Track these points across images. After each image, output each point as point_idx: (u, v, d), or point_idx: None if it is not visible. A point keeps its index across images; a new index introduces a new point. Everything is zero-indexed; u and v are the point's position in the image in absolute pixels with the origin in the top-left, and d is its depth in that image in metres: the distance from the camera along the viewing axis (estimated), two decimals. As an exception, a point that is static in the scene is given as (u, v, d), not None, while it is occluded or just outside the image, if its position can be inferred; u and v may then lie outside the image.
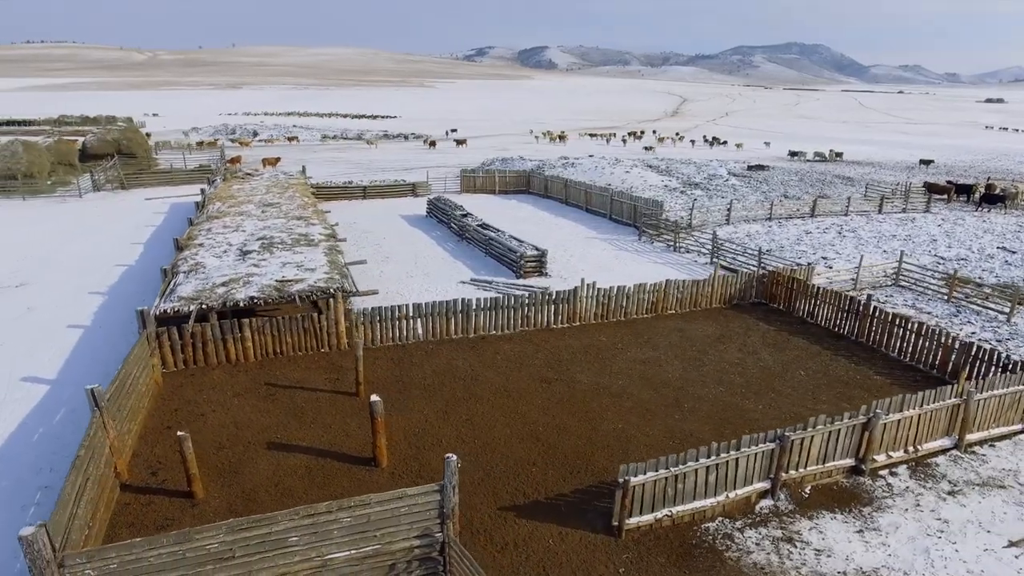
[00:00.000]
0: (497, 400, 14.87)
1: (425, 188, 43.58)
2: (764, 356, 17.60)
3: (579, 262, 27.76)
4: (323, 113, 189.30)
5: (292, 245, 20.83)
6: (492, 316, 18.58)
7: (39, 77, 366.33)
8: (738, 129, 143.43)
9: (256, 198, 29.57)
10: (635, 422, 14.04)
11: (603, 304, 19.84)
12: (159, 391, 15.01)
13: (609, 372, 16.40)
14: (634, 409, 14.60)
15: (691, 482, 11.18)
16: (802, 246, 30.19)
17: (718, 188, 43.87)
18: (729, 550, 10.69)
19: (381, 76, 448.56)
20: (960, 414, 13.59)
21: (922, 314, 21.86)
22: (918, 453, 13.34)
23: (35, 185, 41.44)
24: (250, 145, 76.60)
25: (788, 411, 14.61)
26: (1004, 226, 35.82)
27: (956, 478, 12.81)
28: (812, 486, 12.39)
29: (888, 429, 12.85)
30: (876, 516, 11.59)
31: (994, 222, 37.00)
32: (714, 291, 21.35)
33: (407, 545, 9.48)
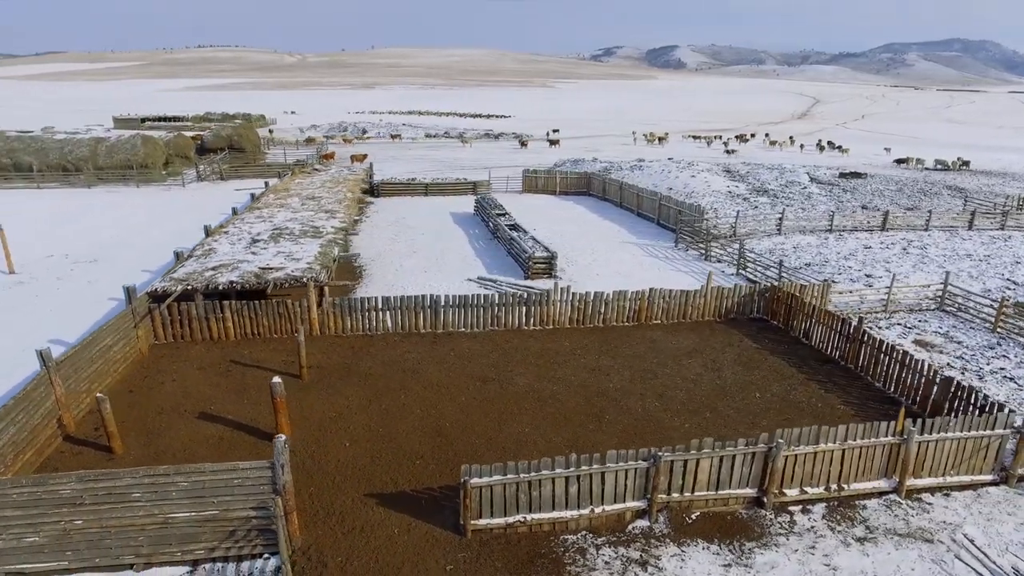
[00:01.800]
0: (424, 394, 15.32)
1: (486, 187, 44.50)
2: (726, 374, 16.65)
3: (600, 267, 27.38)
4: (441, 112, 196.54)
5: (298, 236, 22.42)
6: (461, 314, 18.99)
7: (205, 78, 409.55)
8: (869, 133, 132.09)
9: (305, 192, 31.84)
10: (544, 428, 13.94)
11: (578, 309, 19.60)
12: (142, 359, 16.91)
13: (551, 377, 16.29)
14: (552, 415, 14.47)
15: (548, 491, 11.05)
16: (850, 262, 27.76)
17: (790, 196, 41.06)
18: (574, 564, 10.49)
19: (505, 76, 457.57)
20: (900, 455, 12.24)
21: (951, 343, 19.56)
22: (842, 492, 12.19)
23: (149, 174, 46.98)
24: (352, 142, 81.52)
25: (715, 432, 13.82)
26: None
27: (877, 524, 11.60)
28: (702, 512, 11.75)
29: (800, 462, 11.88)
30: (756, 553, 10.83)
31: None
32: (707, 303, 20.36)
33: (244, 514, 10.23)
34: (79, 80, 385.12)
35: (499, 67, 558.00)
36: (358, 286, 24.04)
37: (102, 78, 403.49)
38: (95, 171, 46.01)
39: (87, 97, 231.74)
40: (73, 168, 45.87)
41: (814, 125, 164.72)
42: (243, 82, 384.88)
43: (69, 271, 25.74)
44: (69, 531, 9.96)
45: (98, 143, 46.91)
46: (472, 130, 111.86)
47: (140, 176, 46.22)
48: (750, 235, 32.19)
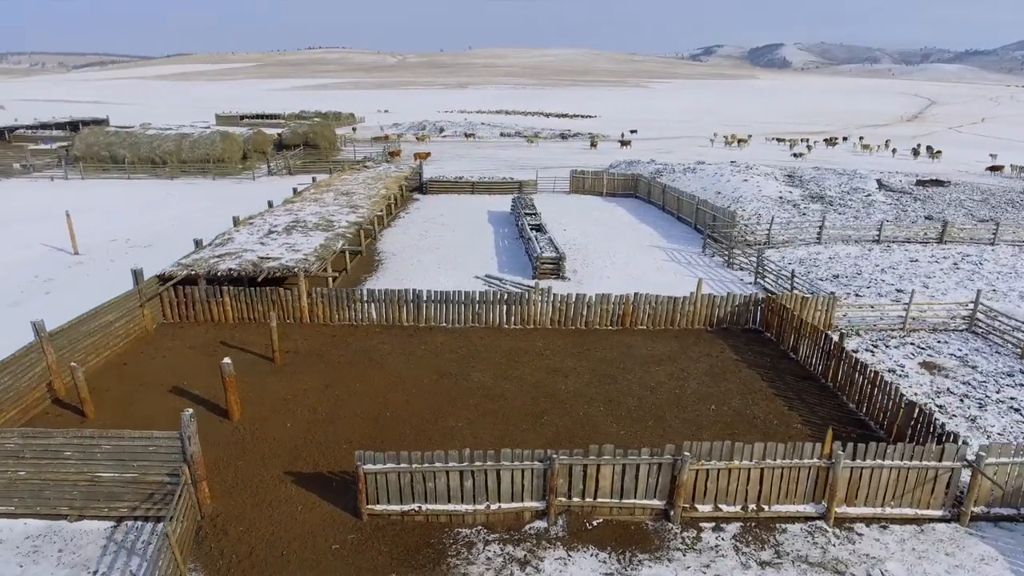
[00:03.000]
0: (380, 384, 15.93)
1: (533, 187, 44.77)
2: (690, 384, 16.17)
3: (615, 270, 27.08)
4: (528, 112, 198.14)
5: (310, 229, 23.69)
6: (442, 309, 19.49)
7: (312, 78, 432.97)
8: (983, 138, 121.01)
9: (344, 188, 33.42)
10: (479, 425, 14.17)
11: (560, 311, 19.58)
12: (146, 336, 18.58)
13: (508, 375, 16.46)
14: (492, 413, 14.67)
15: (443, 484, 11.32)
16: (887, 275, 25.89)
17: (848, 204, 38.57)
18: (457, 556, 10.73)
19: (599, 76, 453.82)
20: (829, 480, 11.56)
21: (964, 367, 17.98)
22: (762, 513, 11.66)
23: (226, 168, 50.70)
24: (426, 140, 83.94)
25: (650, 442, 13.54)
26: None
27: (790, 550, 11.04)
28: (605, 520, 11.62)
29: (713, 478, 11.49)
30: (644, 565, 10.63)
31: None
32: (696, 311, 19.75)
33: (159, 479, 11.21)
34: (201, 80, 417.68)
35: (594, 67, 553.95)
36: (369, 278, 25.09)
37: (221, 78, 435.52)
38: (179, 164, 50.19)
39: (206, 96, 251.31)
40: (160, 161, 50.27)
41: (922, 128, 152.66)
42: (346, 82, 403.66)
43: (124, 254, 28.42)
44: (15, 480, 11.31)
45: (182, 139, 51.12)
46: (549, 130, 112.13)
47: (217, 170, 49.95)
48: (787, 243, 30.66)
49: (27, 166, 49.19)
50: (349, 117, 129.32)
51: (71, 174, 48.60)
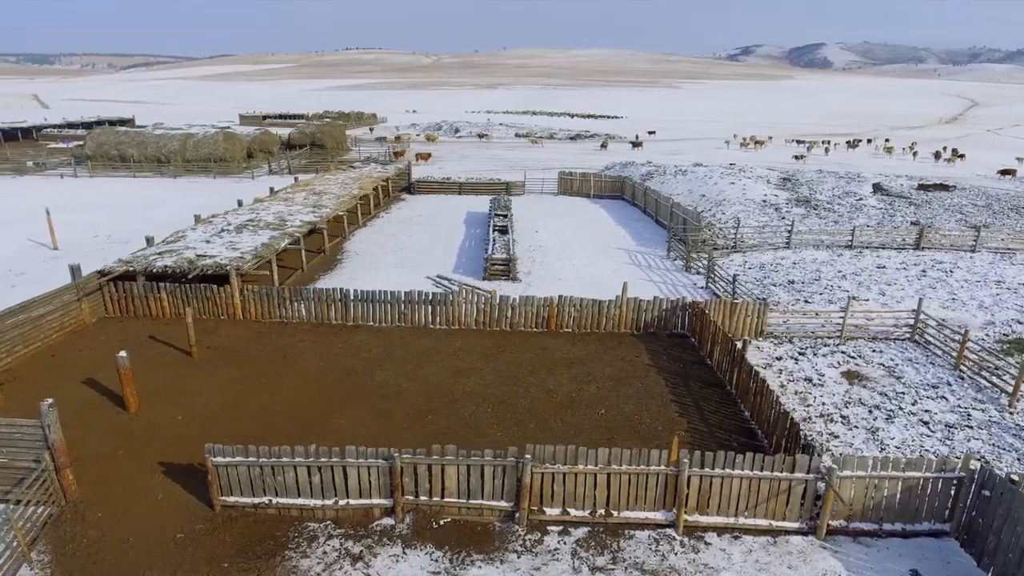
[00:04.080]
0: (284, 381, 16.29)
1: (520, 188, 44.85)
2: (589, 388, 16.12)
3: (570, 271, 27.04)
4: (554, 112, 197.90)
5: (261, 228, 24.27)
6: (368, 308, 19.79)
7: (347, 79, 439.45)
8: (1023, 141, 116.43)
9: (320, 188, 34.04)
10: (363, 423, 14.40)
11: (484, 312, 19.69)
12: (83, 329, 19.33)
13: (412, 375, 16.66)
14: (381, 411, 14.90)
15: (292, 478, 11.59)
16: (847, 281, 25.23)
17: (836, 208, 37.63)
18: (296, 549, 11.00)
19: (632, 77, 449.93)
20: (676, 487, 11.46)
21: (889, 377, 17.49)
22: (610, 519, 11.63)
23: (228, 167, 52.04)
24: (436, 140, 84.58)
25: (455, 443, 13.33)
26: None
27: (628, 557, 11.00)
28: (453, 519, 11.74)
29: (560, 481, 11.51)
30: (473, 566, 10.73)
31: None
32: (622, 315, 19.64)
33: (27, 465, 11.73)
34: (240, 80, 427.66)
35: (628, 67, 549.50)
36: (323, 277, 25.55)
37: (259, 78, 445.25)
38: (183, 163, 51.72)
39: (241, 96, 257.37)
40: (165, 160, 51.88)
41: (959, 130, 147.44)
42: (380, 82, 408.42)
43: (100, 251, 29.44)
44: None
45: (187, 138, 52.67)
46: (565, 130, 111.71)
47: (219, 169, 51.31)
48: (756, 247, 30.13)
49: (40, 164, 51.32)
50: (371, 117, 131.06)
51: (81, 172, 50.53)
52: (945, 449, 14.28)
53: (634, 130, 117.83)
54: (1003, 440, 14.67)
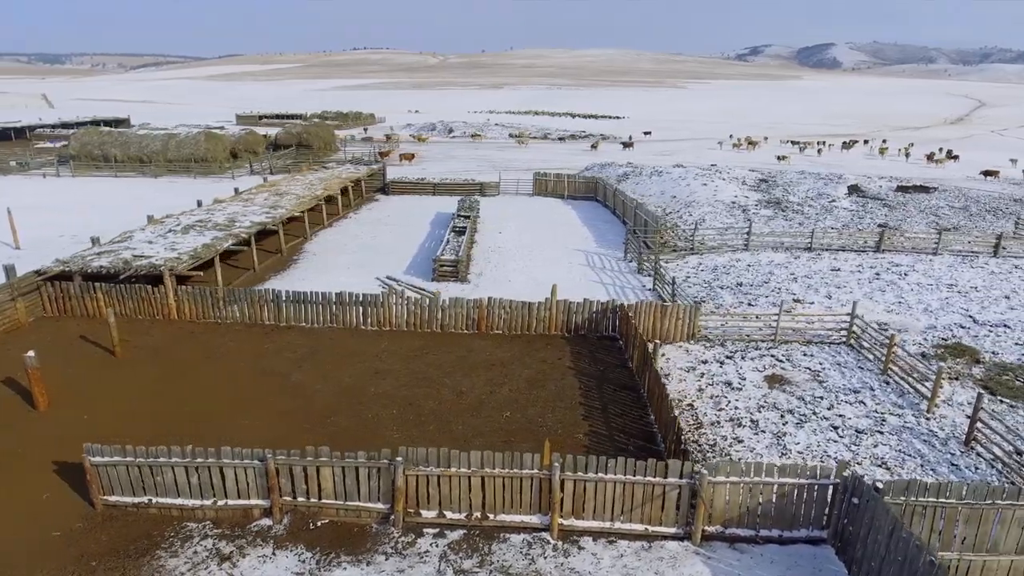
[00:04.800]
0: (201, 382, 16.38)
1: (495, 188, 44.87)
2: (502, 391, 16.12)
3: (522, 273, 27.02)
4: (556, 112, 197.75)
5: (207, 229, 24.41)
6: (300, 309, 19.87)
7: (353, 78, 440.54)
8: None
9: (284, 188, 34.19)
10: (269, 424, 14.46)
11: (414, 313, 19.73)
12: (16, 328, 19.51)
13: (328, 376, 16.72)
14: (289, 413, 14.97)
15: (171, 478, 11.67)
16: (797, 284, 25.07)
17: (806, 210, 37.41)
18: (168, 549, 11.07)
19: (638, 77, 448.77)
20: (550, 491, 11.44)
21: (813, 381, 17.38)
22: (486, 522, 11.63)
23: (209, 167, 52.35)
24: (426, 140, 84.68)
25: (349, 445, 13.20)
26: None
27: (496, 560, 10.99)
28: (331, 520, 11.78)
29: (434, 483, 11.53)
30: (339, 567, 10.77)
31: None
32: (552, 317, 19.62)
33: (-89, 465, 11.88)
34: (247, 80, 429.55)
35: (634, 67, 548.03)
36: (273, 277, 25.67)
37: (266, 78, 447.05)
38: (165, 163, 52.09)
39: (247, 96, 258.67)
40: (147, 160, 52.26)
41: (963, 131, 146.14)
42: (385, 82, 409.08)
43: (62, 250, 29.62)
44: None
45: (169, 138, 53.05)
46: (561, 130, 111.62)
47: (199, 169, 51.63)
48: (715, 249, 30.00)
49: (23, 164, 51.83)
50: (368, 117, 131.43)
51: (64, 172, 50.99)
52: (849, 455, 14.18)
53: (635, 130, 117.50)
54: (911, 446, 14.55)
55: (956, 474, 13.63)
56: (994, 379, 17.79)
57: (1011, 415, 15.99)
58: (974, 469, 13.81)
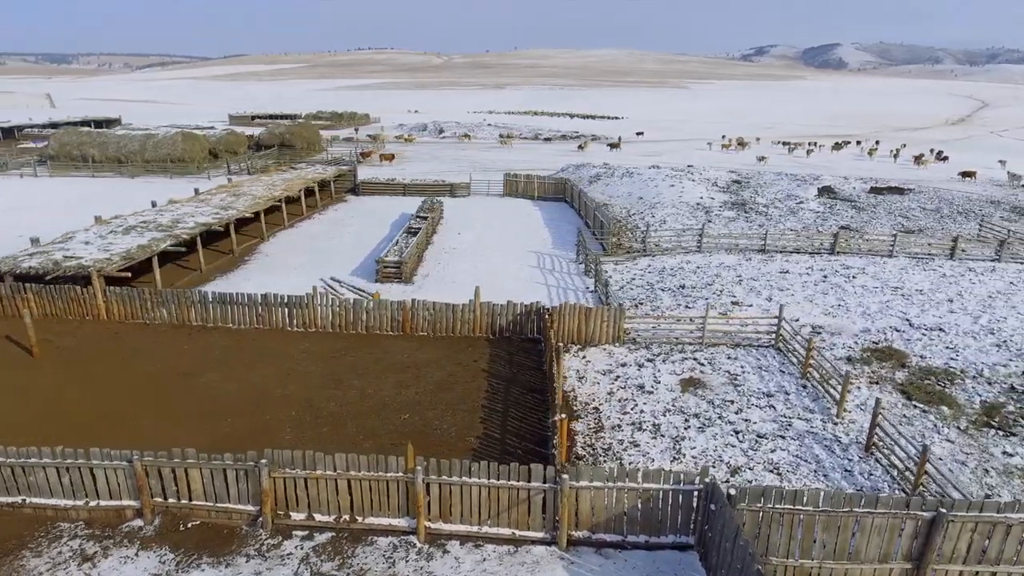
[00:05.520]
0: (113, 383, 16.41)
1: (464, 189, 44.87)
2: (408, 393, 16.10)
3: (471, 275, 26.91)
4: (556, 113, 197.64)
5: (149, 230, 24.49)
6: (226, 310, 19.91)
7: (356, 79, 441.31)
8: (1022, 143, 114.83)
9: (245, 189, 34.30)
10: (167, 425, 14.50)
11: (339, 315, 19.74)
12: (-55, 327, 19.63)
13: (239, 378, 16.75)
14: (186, 413, 15.00)
15: (43, 478, 11.70)
16: (741, 287, 24.93)
17: (773, 211, 37.23)
18: (33, 549, 11.12)
19: (641, 77, 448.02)
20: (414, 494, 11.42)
21: (727, 385, 17.28)
22: (354, 524, 11.62)
23: (186, 168, 52.55)
24: (413, 140, 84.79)
25: (238, 446, 13.23)
26: None
27: (356, 564, 10.97)
28: (203, 522, 11.79)
29: (301, 486, 11.53)
30: (199, 568, 10.77)
31: None
32: (477, 319, 19.59)
33: None
34: (251, 80, 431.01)
35: (637, 68, 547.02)
36: (219, 278, 25.75)
37: (270, 78, 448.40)
38: (143, 163, 52.33)
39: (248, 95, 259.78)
40: (125, 160, 52.51)
41: (962, 132, 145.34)
42: (388, 82, 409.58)
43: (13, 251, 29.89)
44: None
45: (147, 139, 53.27)
46: (555, 131, 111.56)
47: (176, 169, 51.84)
48: (669, 251, 29.89)
49: (1, 164, 52.15)
50: (363, 117, 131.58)
51: (42, 172, 51.29)
52: (744, 459, 14.11)
53: (632, 131, 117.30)
54: (810, 452, 14.45)
55: (848, 480, 13.54)
56: (915, 383, 17.66)
57: (921, 420, 15.87)
58: (867, 476, 13.71)
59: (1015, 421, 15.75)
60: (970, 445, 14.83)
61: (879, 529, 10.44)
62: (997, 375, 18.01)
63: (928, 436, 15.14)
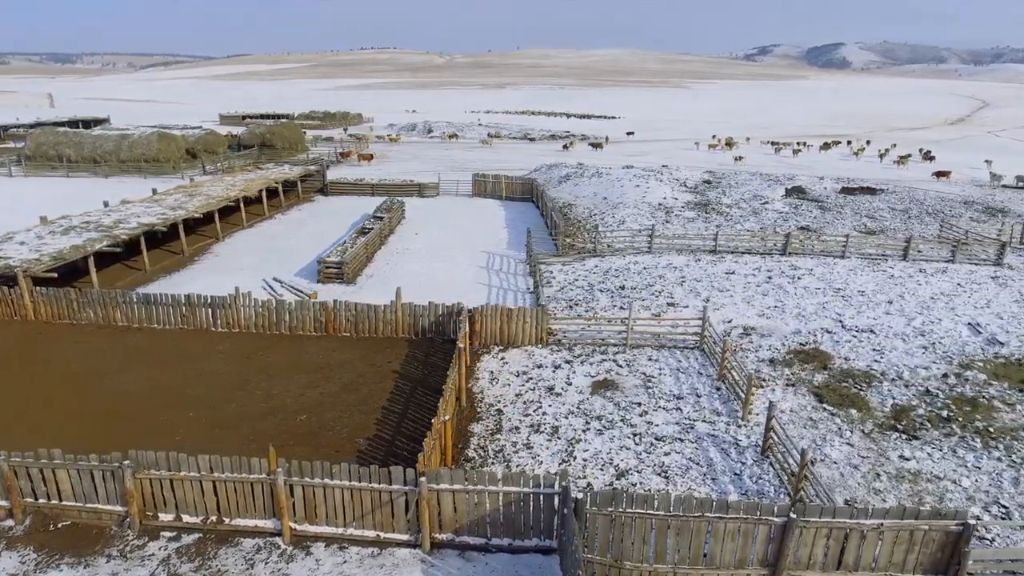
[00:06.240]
0: (22, 384, 16.46)
1: (433, 189, 44.87)
2: (312, 395, 16.09)
3: (416, 276, 26.94)
4: (553, 113, 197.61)
5: (85, 231, 24.55)
6: (151, 311, 19.94)
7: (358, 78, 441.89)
8: (1020, 143, 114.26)
9: (203, 190, 34.38)
10: (66, 423, 14.58)
11: (262, 316, 19.75)
12: None
13: (148, 379, 16.76)
14: (87, 414, 15.03)
15: (-89, 480, 11.72)
16: (682, 288, 24.84)
17: (736, 212, 37.09)
18: None
19: (643, 77, 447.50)
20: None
21: (642, 388, 17.20)
22: (222, 525, 11.62)
23: (161, 168, 52.70)
24: (399, 140, 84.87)
25: (130, 445, 13.15)
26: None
27: (214, 566, 10.97)
28: (74, 522, 11.82)
29: (168, 487, 11.53)
30: (56, 568, 10.79)
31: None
32: (399, 320, 19.57)
33: None
34: (252, 80, 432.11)
35: (639, 67, 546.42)
36: (162, 279, 25.80)
37: (272, 78, 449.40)
38: (118, 163, 52.50)
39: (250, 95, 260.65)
40: (101, 160, 52.69)
41: (958, 132, 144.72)
42: (389, 82, 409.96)
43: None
44: None
45: (122, 139, 53.43)
46: (546, 130, 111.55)
47: (151, 169, 51.99)
48: (620, 251, 29.80)
49: (-24, 164, 52.41)
50: (356, 117, 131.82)
51: (17, 172, 51.51)
52: (636, 462, 14.05)
53: (628, 131, 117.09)
54: (704, 455, 14.38)
55: (735, 484, 13.47)
56: (831, 386, 17.54)
57: (827, 423, 15.77)
58: (756, 479, 13.63)
59: (921, 425, 15.64)
60: (869, 449, 14.73)
61: (732, 534, 10.37)
62: (917, 378, 17.88)
63: (830, 439, 15.05)
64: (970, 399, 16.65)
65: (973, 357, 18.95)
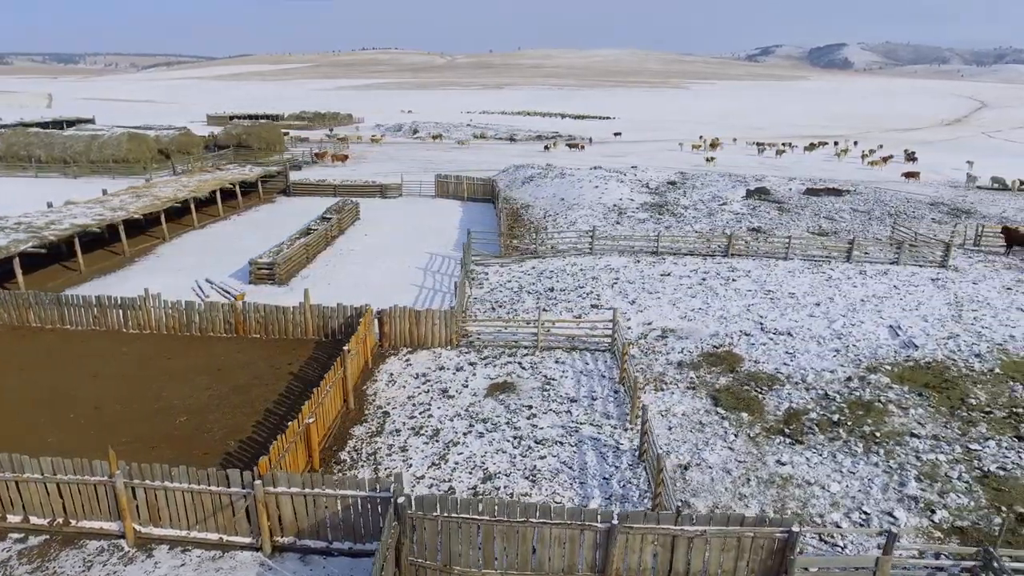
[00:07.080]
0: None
1: (396, 190, 44.89)
2: (201, 397, 16.09)
3: (352, 277, 27.01)
4: (548, 113, 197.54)
5: (13, 232, 24.60)
6: (62, 311, 19.97)
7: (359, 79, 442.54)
8: (1013, 144, 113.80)
9: (153, 191, 34.47)
10: (-68, 425, 14.57)
11: (173, 317, 19.76)
12: None
13: (38, 381, 16.77)
14: (-35, 415, 15.05)
15: None
16: (611, 290, 24.78)
17: (692, 213, 36.99)
18: None
19: (643, 77, 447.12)
20: (125, 498, 11.40)
21: (540, 392, 17.13)
22: (68, 527, 11.62)
23: (131, 168, 52.82)
24: (380, 141, 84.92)
25: (77, 452, 13.41)
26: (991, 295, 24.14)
27: (51, 567, 10.96)
28: (-68, 525, 11.81)
29: (14, 489, 11.53)
30: None
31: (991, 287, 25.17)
32: (308, 321, 19.55)
33: None
34: (254, 80, 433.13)
35: (641, 68, 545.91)
36: (93, 280, 25.85)
37: (274, 78, 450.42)
38: (88, 164, 52.66)
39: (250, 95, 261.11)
40: (71, 161, 52.87)
41: (952, 133, 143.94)
42: (389, 82, 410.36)
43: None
44: None
45: (93, 139, 53.62)
46: (534, 131, 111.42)
47: (120, 170, 52.13)
48: (563, 253, 29.72)
49: (-56, 165, 52.65)
50: (346, 117, 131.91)
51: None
52: (508, 466, 13.99)
53: (623, 131, 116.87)
54: (580, 459, 14.31)
55: (602, 488, 13.40)
56: (731, 389, 17.45)
57: (715, 427, 15.68)
58: (625, 484, 13.55)
59: (808, 429, 15.54)
60: (749, 453, 14.64)
61: (559, 540, 10.32)
62: (820, 381, 17.77)
63: (712, 443, 14.97)
64: (866, 403, 16.55)
65: (883, 360, 18.84)
